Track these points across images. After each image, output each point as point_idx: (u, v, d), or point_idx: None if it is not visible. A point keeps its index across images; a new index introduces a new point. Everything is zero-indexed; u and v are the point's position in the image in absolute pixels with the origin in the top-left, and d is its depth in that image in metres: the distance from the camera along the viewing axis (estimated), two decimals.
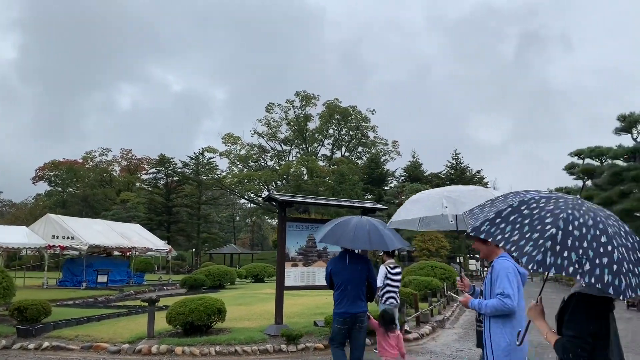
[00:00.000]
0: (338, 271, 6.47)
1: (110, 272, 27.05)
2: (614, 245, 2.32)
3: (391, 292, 9.27)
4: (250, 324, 11.59)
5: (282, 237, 10.51)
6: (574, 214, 2.49)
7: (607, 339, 2.63)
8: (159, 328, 10.49)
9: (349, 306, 6.32)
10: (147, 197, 60.02)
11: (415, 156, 56.21)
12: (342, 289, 6.36)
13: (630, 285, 2.22)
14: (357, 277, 6.46)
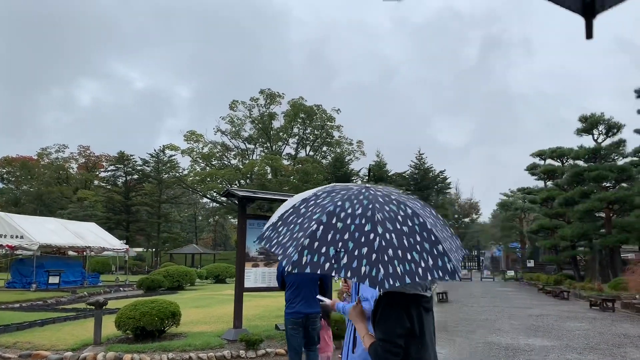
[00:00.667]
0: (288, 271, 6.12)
1: (63, 272, 25.76)
2: (377, 233, 2.09)
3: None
4: (207, 328, 10.92)
5: (242, 235, 9.90)
6: (342, 205, 2.26)
7: (422, 340, 2.44)
8: (108, 333, 9.74)
9: (303, 306, 6.09)
10: (105, 196, 58.05)
11: (380, 156, 56.11)
12: (296, 288, 6.12)
13: (391, 274, 1.97)
14: (311, 276, 6.17)
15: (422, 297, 2.47)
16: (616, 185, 28.34)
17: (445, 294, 20.54)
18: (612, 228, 26.81)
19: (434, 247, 2.17)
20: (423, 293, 2.47)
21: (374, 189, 2.50)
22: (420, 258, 2.10)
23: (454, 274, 2.13)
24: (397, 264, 2.02)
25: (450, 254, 2.22)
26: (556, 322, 14.14)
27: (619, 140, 27.81)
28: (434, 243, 2.19)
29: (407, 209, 2.33)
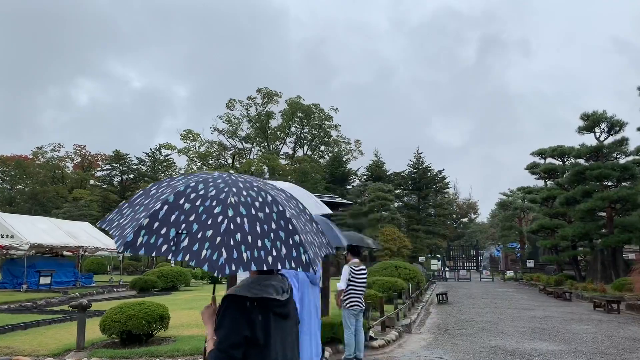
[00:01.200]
0: None
1: (55, 273, 25.22)
2: (226, 216, 1.96)
3: (355, 295, 8.30)
4: (198, 331, 10.42)
5: None
6: (195, 187, 2.10)
7: (267, 350, 2.20)
8: (93, 337, 9.25)
9: None
10: (100, 195, 57.54)
11: (378, 155, 55.72)
12: None
13: (235, 259, 1.86)
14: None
15: (272, 301, 2.24)
16: (618, 184, 27.89)
17: (445, 295, 20.08)
18: (614, 228, 26.37)
19: (290, 237, 2.06)
20: (274, 297, 2.24)
21: (237, 176, 2.32)
22: (273, 246, 1.99)
23: (308, 266, 2.03)
24: (244, 249, 1.90)
25: (308, 246, 2.10)
26: (561, 324, 13.67)
27: (621, 139, 27.35)
28: (291, 233, 2.07)
29: (267, 196, 2.18)
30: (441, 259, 49.11)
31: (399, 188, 53.44)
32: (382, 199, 44.92)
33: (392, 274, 19.02)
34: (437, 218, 54.36)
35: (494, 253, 63.62)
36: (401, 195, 54.14)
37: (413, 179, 52.83)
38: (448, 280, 40.43)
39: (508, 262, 53.51)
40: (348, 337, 8.22)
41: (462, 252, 61.34)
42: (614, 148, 27.61)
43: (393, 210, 46.49)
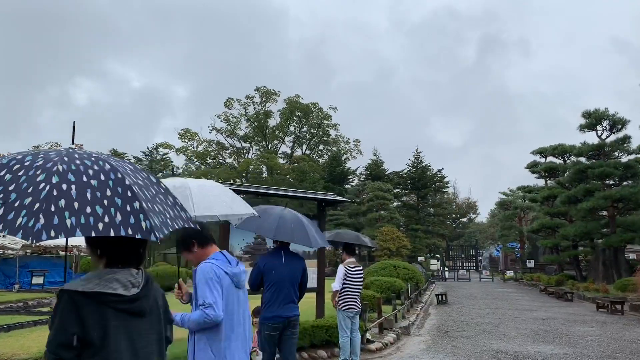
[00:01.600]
0: (272, 268, 5.58)
1: (48, 273, 24.78)
2: (50, 182, 1.84)
3: (351, 296, 7.90)
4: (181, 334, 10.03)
5: (225, 232, 9.00)
6: (22, 159, 1.94)
7: (104, 353, 1.95)
8: None
9: (283, 309, 5.54)
10: None
11: (377, 154, 55.31)
12: (276, 289, 5.54)
13: (56, 225, 1.72)
14: (292, 276, 5.67)
15: (113, 297, 1.99)
16: (620, 183, 27.49)
17: (445, 295, 19.69)
18: (616, 227, 25.98)
19: (128, 204, 1.92)
20: (118, 292, 2.00)
21: (77, 150, 2.14)
22: (105, 213, 1.85)
23: (149, 233, 1.88)
24: (67, 215, 1.78)
25: (153, 215, 1.95)
26: (564, 326, 13.28)
27: (623, 137, 26.91)
28: (130, 199, 1.93)
29: (105, 164, 2.03)
30: (440, 259, 48.74)
31: (397, 187, 53.05)
32: (381, 199, 44.52)
33: (391, 274, 18.63)
34: (436, 218, 53.98)
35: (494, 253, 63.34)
36: (400, 195, 53.78)
37: (412, 178, 52.41)
38: (447, 280, 40.06)
39: (508, 262, 53.18)
40: (343, 340, 7.82)
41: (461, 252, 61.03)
42: (616, 146, 27.19)
43: (392, 210, 46.11)
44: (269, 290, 5.50)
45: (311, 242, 5.72)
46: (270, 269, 5.53)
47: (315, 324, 8.80)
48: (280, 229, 5.55)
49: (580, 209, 26.45)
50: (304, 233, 5.69)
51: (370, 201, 45.13)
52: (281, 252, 5.66)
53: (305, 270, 5.82)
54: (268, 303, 5.51)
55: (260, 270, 5.61)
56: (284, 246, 5.74)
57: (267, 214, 5.67)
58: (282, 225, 5.57)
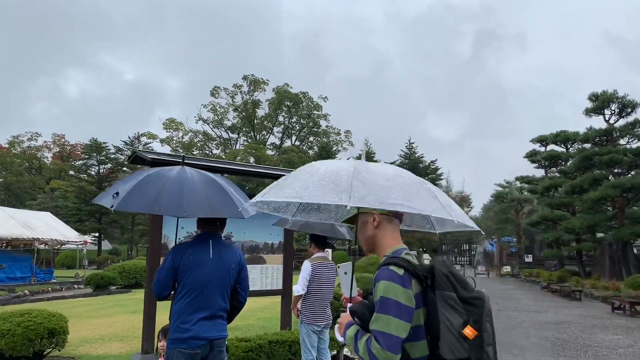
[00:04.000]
0: (192, 265, 3.57)
1: (3, 268, 22.46)
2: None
3: (318, 304, 5.75)
4: (117, 348, 7.86)
5: (156, 221, 6.83)
6: None
7: None
8: None
9: (203, 327, 3.53)
10: (76, 186, 54.55)
11: (368, 145, 53.14)
12: (195, 297, 3.56)
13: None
14: (222, 276, 3.68)
15: None
16: (629, 171, 25.41)
17: None
18: (625, 219, 23.95)
19: None
20: None
21: None
22: None
23: None
24: None
25: None
26: (583, 333, 11.21)
27: (634, 121, 24.83)
28: None
29: None
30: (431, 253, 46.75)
31: None
32: None
33: None
34: None
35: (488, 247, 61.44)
36: None
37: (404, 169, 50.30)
38: None
39: (503, 256, 51.29)
40: None
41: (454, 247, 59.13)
42: (626, 131, 25.06)
43: None
44: (184, 297, 3.52)
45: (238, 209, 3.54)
46: (189, 266, 3.54)
47: (275, 339, 6.65)
48: (190, 201, 3.41)
49: (586, 200, 24.32)
50: (226, 198, 3.58)
51: None
52: (208, 242, 3.67)
53: (243, 268, 3.84)
54: (180, 317, 3.50)
55: (173, 267, 3.54)
56: (212, 231, 3.76)
57: (159, 180, 3.53)
58: (188, 192, 3.44)
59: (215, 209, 3.48)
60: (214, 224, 3.75)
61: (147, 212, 3.49)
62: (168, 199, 3.38)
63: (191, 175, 3.62)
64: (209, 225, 3.73)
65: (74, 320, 11.08)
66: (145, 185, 3.46)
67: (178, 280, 3.53)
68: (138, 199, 3.38)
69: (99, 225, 51.40)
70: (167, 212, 3.37)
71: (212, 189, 3.60)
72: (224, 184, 3.75)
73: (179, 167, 3.75)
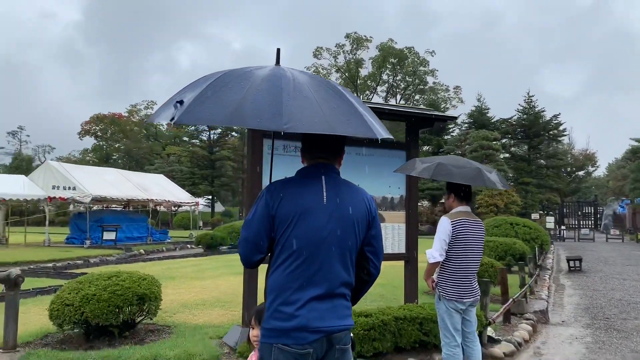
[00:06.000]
0: (296, 214, 2.25)
1: (119, 228, 23.23)
2: None
3: (462, 274, 4.29)
4: (215, 315, 6.97)
5: (255, 169, 5.68)
6: None
7: None
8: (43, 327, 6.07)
9: (318, 312, 2.22)
10: (189, 151, 56.79)
11: (482, 101, 49.31)
12: (302, 264, 2.23)
13: None
14: (344, 234, 2.32)
15: None
16: None
17: (579, 261, 15.25)
18: None
19: None
20: None
21: None
22: None
23: None
24: None
25: None
26: None
27: None
28: None
29: None
30: (555, 216, 42.94)
31: (505, 137, 47.06)
32: (487, 149, 39.32)
33: (508, 233, 14.55)
34: (550, 170, 47.54)
35: (618, 210, 55.61)
36: (508, 145, 47.79)
37: (523, 125, 46.10)
38: (566, 240, 34.69)
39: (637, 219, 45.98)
40: (448, 355, 4.27)
41: (578, 209, 54.17)
42: None
43: (499, 162, 40.73)
44: (286, 265, 2.23)
45: (372, 129, 2.21)
46: (292, 215, 2.24)
47: (402, 315, 5.30)
48: (293, 107, 2.11)
49: None
50: (350, 109, 2.25)
51: (474, 152, 40.06)
52: (320, 179, 2.34)
53: (374, 220, 2.44)
54: (281, 296, 2.23)
55: (268, 217, 2.27)
56: (325, 163, 2.40)
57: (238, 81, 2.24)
58: (293, 97, 2.12)
59: (333, 123, 2.12)
60: (328, 151, 2.39)
61: (224, 124, 2.21)
62: (258, 105, 2.07)
63: (292, 75, 2.26)
64: (320, 153, 2.38)
65: (179, 280, 10.60)
66: (222, 87, 2.16)
67: (276, 238, 2.24)
68: (211, 107, 2.10)
69: (212, 188, 53.13)
70: (257, 123, 2.06)
71: (326, 93, 2.24)
72: (342, 90, 2.38)
73: (272, 65, 2.41)
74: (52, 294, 8.62)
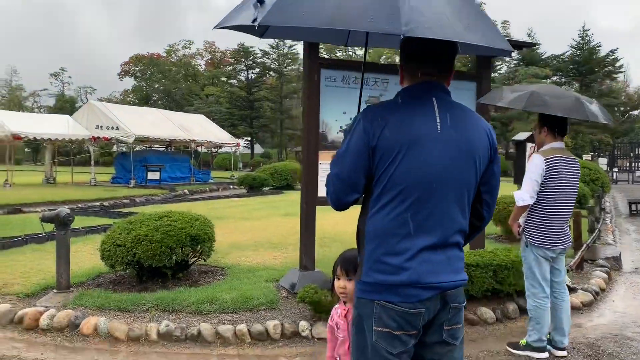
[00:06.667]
0: (404, 144, 1.75)
1: (163, 168, 23.33)
2: None
3: (555, 219, 3.79)
4: (268, 257, 6.72)
5: (312, 102, 5.18)
6: None
7: None
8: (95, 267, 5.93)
9: (431, 264, 1.76)
10: (227, 91, 56.40)
11: (532, 36, 46.69)
12: (411, 206, 1.76)
13: None
14: (461, 171, 1.82)
15: None
16: None
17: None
18: None
19: None
20: None
21: None
22: None
23: None
24: None
25: None
26: None
27: None
28: None
29: None
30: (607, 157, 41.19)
31: (557, 74, 44.77)
32: None
33: None
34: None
35: None
36: (560, 83, 45.56)
37: (576, 62, 43.67)
38: (618, 182, 33.28)
39: None
40: (536, 306, 3.84)
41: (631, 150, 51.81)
42: None
43: None
44: (392, 207, 1.78)
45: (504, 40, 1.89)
46: (399, 146, 1.76)
47: (473, 262, 4.88)
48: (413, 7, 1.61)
49: None
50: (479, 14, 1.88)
51: None
52: (430, 101, 1.84)
53: (495, 153, 1.94)
54: (385, 244, 1.78)
55: (367, 149, 1.80)
56: (434, 82, 1.89)
57: None
58: None
59: (459, 28, 1.64)
60: (440, 65, 1.89)
61: (324, 25, 1.75)
62: (367, 2, 1.60)
63: None
64: (431, 68, 1.88)
65: (227, 221, 10.42)
66: None
67: (376, 175, 1.78)
68: (305, 4, 1.64)
69: (251, 129, 52.99)
70: (368, 25, 1.61)
71: None
72: None
73: None
74: (101, 233, 8.58)
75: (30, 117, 23.34)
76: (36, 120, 22.19)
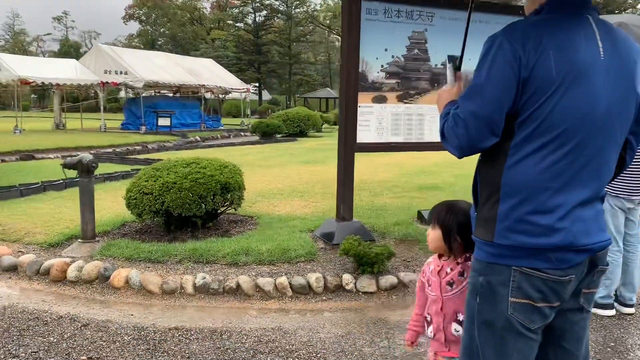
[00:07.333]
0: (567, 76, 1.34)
1: (174, 114, 22.87)
2: None
3: (634, 166, 3.44)
4: (296, 206, 6.42)
5: (352, 37, 4.72)
6: None
7: None
8: (119, 215, 5.65)
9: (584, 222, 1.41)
10: (234, 34, 54.96)
11: None
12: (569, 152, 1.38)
13: None
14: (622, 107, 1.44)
15: None
16: None
17: None
18: None
19: None
20: None
21: None
22: None
23: None
24: None
25: None
26: None
27: None
28: None
29: None
30: None
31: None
32: None
33: None
34: None
35: None
36: None
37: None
38: None
39: None
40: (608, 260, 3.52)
41: None
42: None
43: None
44: (545, 153, 1.39)
45: None
46: (562, 75, 1.36)
47: None
48: None
49: None
50: None
51: None
52: (587, 18, 1.45)
53: None
54: (534, 200, 1.40)
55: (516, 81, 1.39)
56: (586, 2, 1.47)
57: None
58: None
59: None
60: None
61: None
62: None
63: None
64: None
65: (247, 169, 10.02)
66: None
67: (523, 113, 1.40)
68: None
69: (259, 74, 52.00)
70: None
71: None
72: None
73: None
74: (119, 180, 8.33)
75: (36, 62, 22.68)
76: (43, 64, 21.58)
